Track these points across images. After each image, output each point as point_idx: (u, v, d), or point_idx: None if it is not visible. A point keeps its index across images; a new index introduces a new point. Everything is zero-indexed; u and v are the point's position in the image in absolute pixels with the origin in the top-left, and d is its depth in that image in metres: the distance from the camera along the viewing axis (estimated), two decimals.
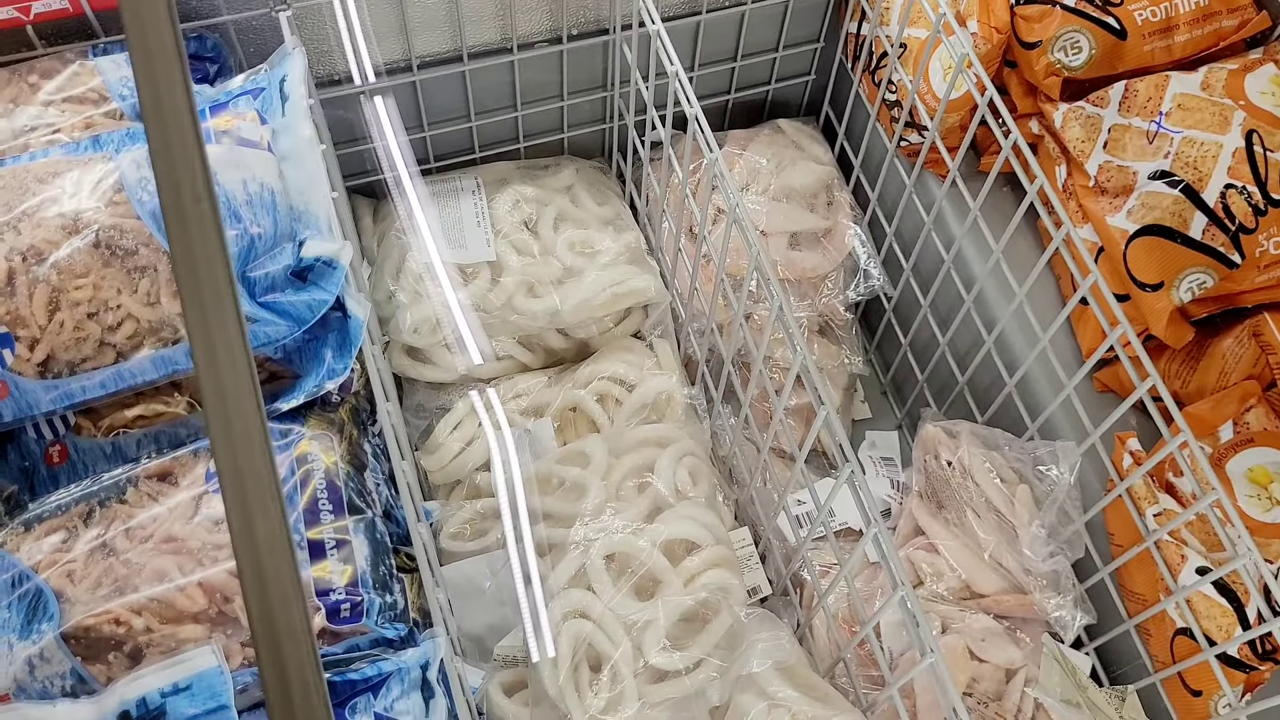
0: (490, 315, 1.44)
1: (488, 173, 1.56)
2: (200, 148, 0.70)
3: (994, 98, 1.21)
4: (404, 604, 1.03)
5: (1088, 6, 1.32)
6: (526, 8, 1.42)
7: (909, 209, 1.49)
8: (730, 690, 1.10)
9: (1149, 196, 1.24)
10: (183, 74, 0.72)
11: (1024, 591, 1.22)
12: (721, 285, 1.31)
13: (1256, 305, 1.24)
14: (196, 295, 0.67)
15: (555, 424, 1.42)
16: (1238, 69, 1.30)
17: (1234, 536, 0.97)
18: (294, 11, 1.26)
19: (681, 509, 1.25)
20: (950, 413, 1.48)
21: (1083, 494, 1.24)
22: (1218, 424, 1.17)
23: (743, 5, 1.53)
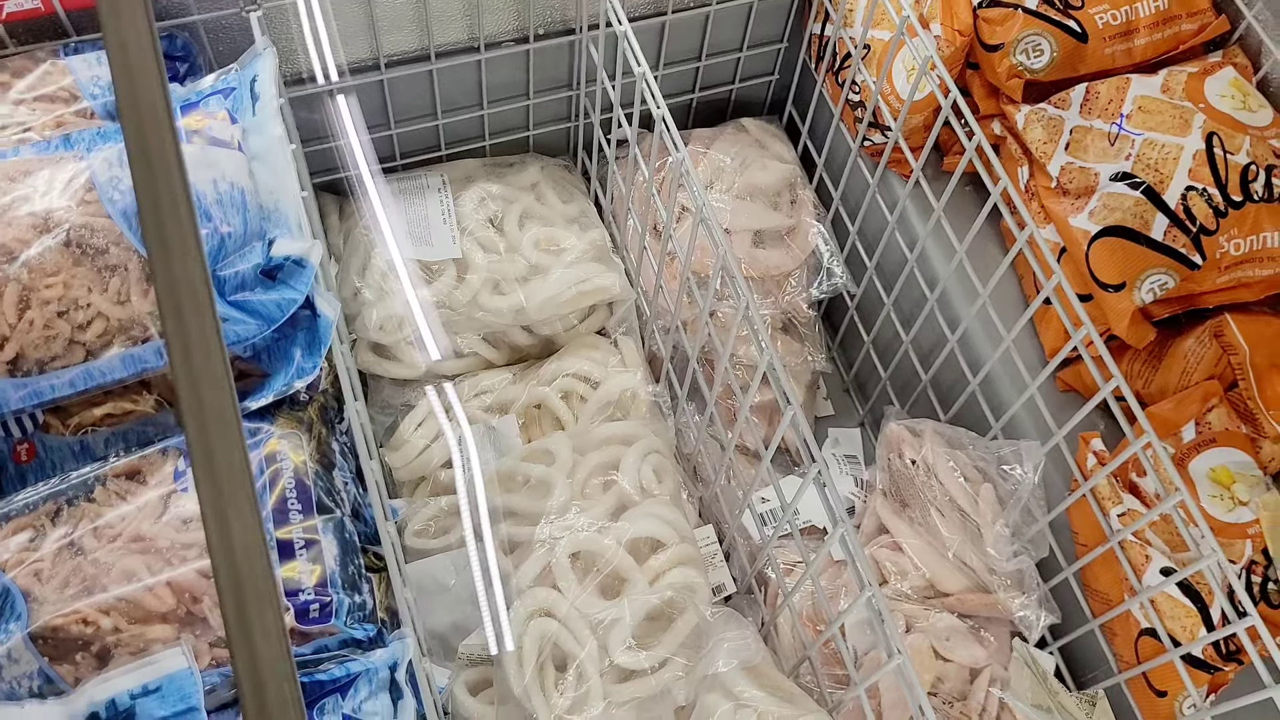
0: (456, 312, 1.44)
1: (454, 170, 1.56)
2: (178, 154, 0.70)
3: (957, 100, 1.22)
4: (372, 604, 1.02)
5: (1049, 10, 1.33)
6: (493, 8, 1.42)
7: (872, 208, 1.50)
8: (696, 690, 1.10)
9: (1110, 198, 1.25)
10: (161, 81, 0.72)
11: (988, 590, 1.22)
12: (686, 283, 1.31)
13: (1218, 306, 1.25)
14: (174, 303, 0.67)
15: (520, 421, 1.42)
16: (1197, 72, 1.31)
17: (1197, 537, 0.97)
18: (264, 11, 1.25)
19: (646, 507, 1.25)
20: (914, 411, 1.48)
21: (1046, 493, 1.24)
22: (1180, 424, 1.17)
23: (707, 6, 1.53)
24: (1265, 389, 1.16)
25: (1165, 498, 0.97)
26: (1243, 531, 1.10)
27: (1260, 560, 1.10)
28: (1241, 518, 1.11)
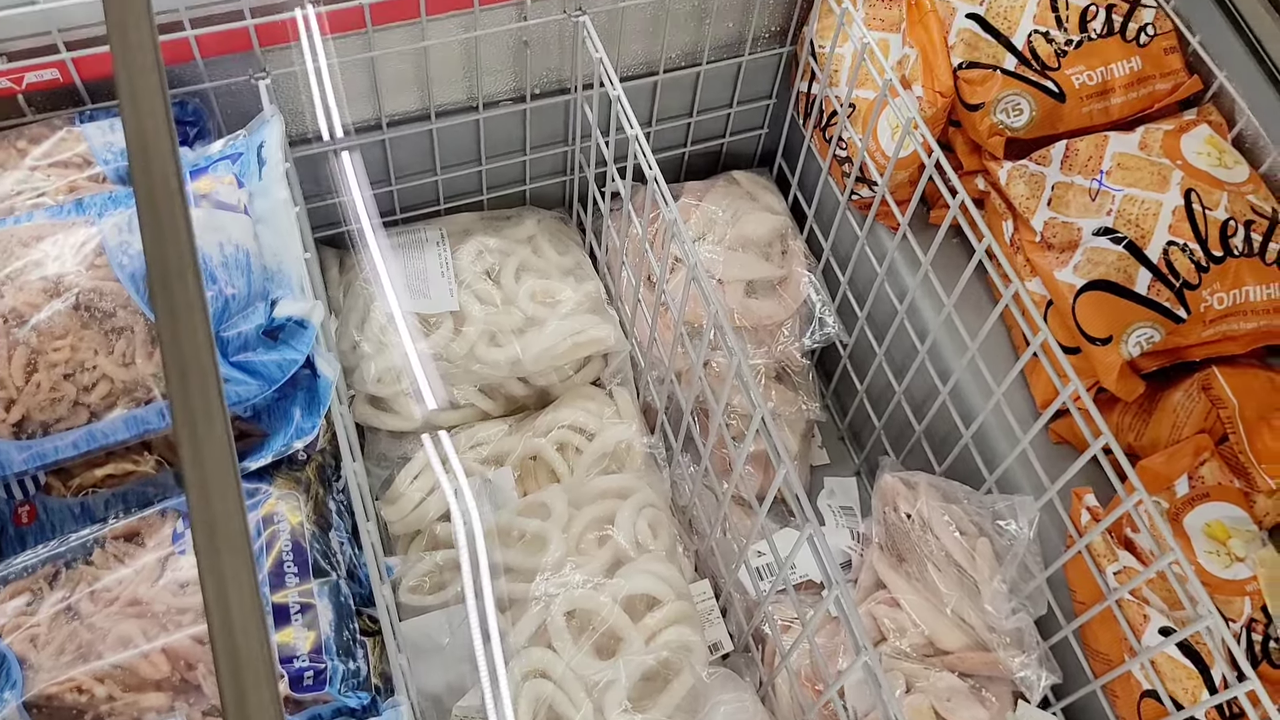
0: (453, 364, 1.43)
1: (452, 224, 1.57)
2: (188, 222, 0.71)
3: (940, 159, 1.22)
4: (366, 670, 1.01)
5: (1027, 71, 1.34)
6: (492, 70, 1.43)
7: (862, 259, 1.49)
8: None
9: (1094, 252, 1.25)
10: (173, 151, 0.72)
11: (988, 649, 1.20)
12: (680, 334, 1.31)
13: (1205, 359, 1.25)
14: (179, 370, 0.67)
15: (516, 473, 1.41)
16: (1173, 129, 1.32)
17: (1194, 594, 0.96)
18: (272, 79, 1.27)
19: (642, 563, 1.25)
20: (908, 460, 1.48)
21: (1042, 549, 1.23)
22: (1173, 478, 1.17)
23: (697, 66, 1.55)
24: (1256, 442, 1.15)
25: (1159, 556, 0.97)
26: (1240, 588, 1.09)
27: (1260, 618, 1.09)
28: (1239, 574, 1.10)
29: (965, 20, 1.36)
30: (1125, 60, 1.35)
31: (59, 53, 1.18)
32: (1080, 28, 1.35)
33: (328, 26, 1.26)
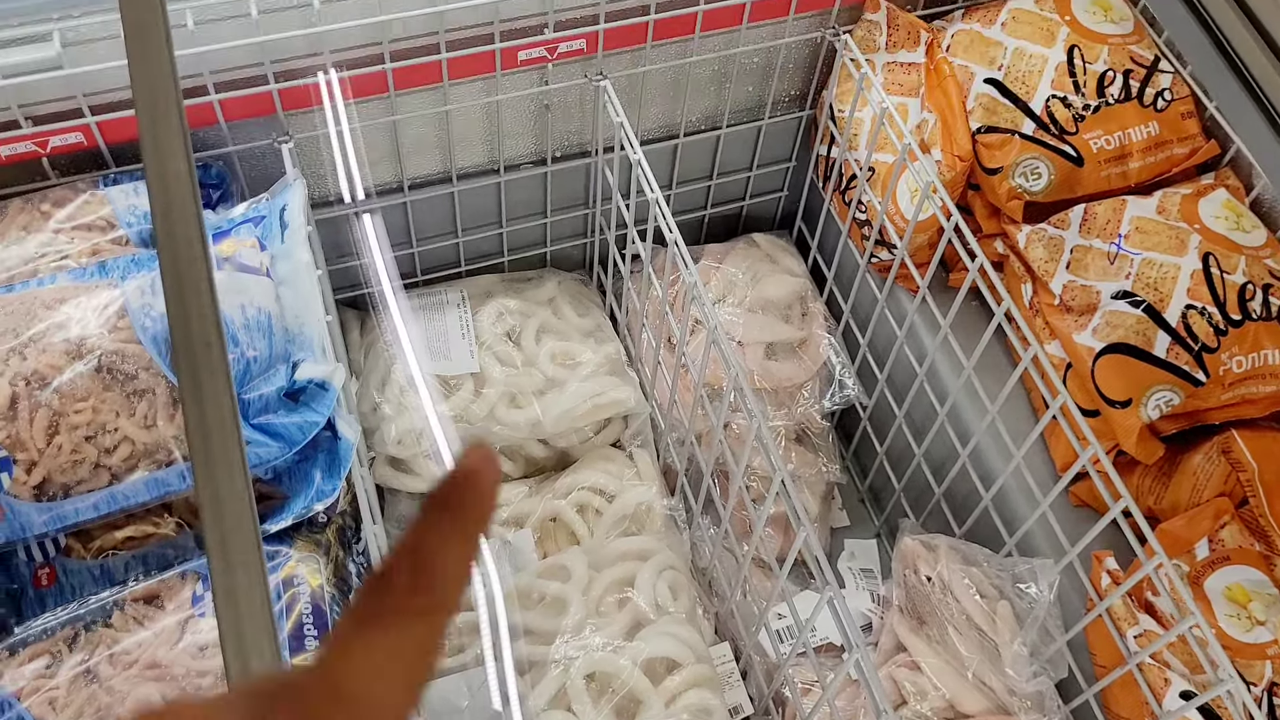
0: (473, 426, 1.43)
1: (473, 286, 1.57)
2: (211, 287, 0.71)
3: (959, 222, 1.23)
4: None
5: (1045, 135, 1.35)
6: (513, 133, 1.44)
7: (881, 321, 1.50)
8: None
9: (1112, 315, 1.25)
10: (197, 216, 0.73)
11: (1009, 712, 1.20)
12: (700, 396, 1.31)
13: (1224, 422, 1.25)
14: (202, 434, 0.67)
15: (535, 535, 1.41)
16: (1191, 194, 1.33)
17: (1215, 658, 0.95)
18: (294, 143, 1.28)
19: (662, 625, 1.24)
20: (928, 523, 1.47)
21: (1063, 612, 1.23)
22: (1193, 541, 1.17)
23: (717, 130, 1.56)
24: (1276, 506, 1.15)
25: (1180, 620, 0.96)
26: (1262, 652, 1.09)
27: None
28: (1260, 638, 1.09)
29: (983, 85, 1.37)
30: (1143, 125, 1.36)
31: (84, 116, 1.19)
32: (1098, 93, 1.36)
33: (350, 91, 1.27)
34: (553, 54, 1.32)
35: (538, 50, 1.31)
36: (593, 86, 1.35)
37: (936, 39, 1.42)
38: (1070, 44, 1.38)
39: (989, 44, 1.39)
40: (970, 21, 1.42)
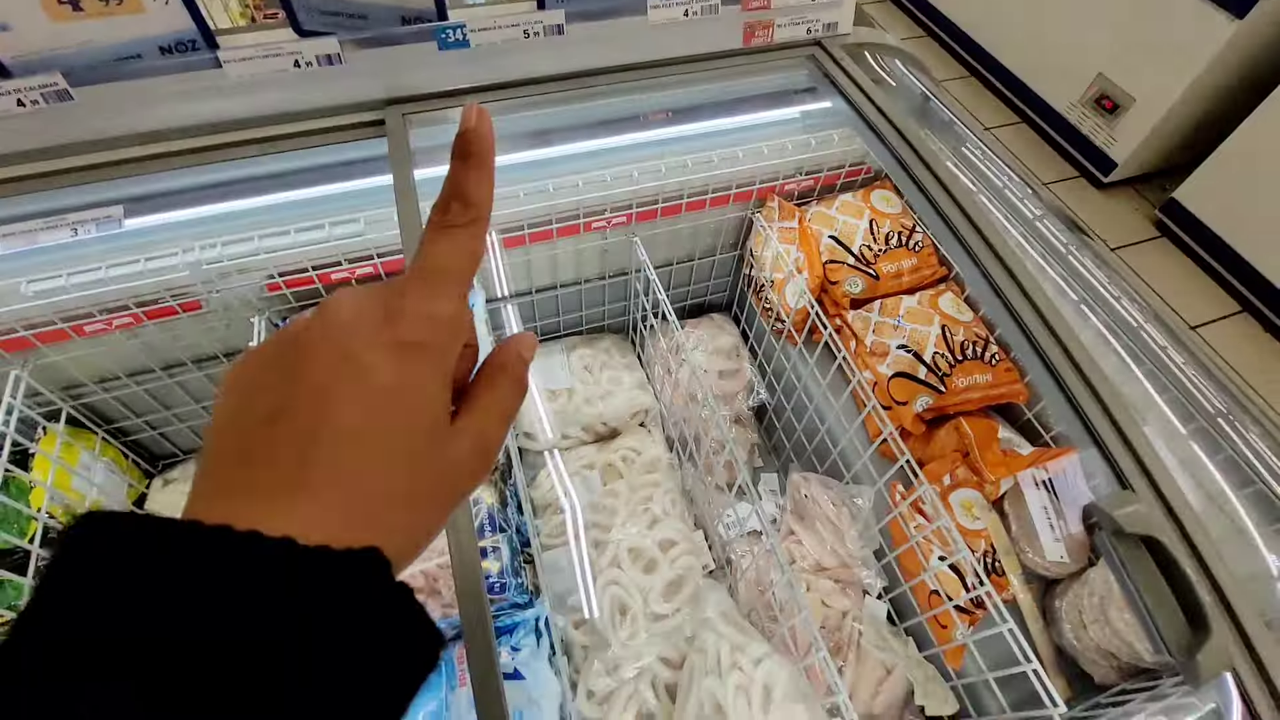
0: (567, 415, 1.44)
1: (567, 342, 1.57)
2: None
3: (817, 310, 1.23)
4: (526, 582, 1.00)
5: (860, 265, 1.34)
6: (588, 263, 1.44)
7: (779, 360, 1.50)
8: (696, 627, 1.07)
9: (897, 358, 1.24)
10: None
11: (849, 567, 1.19)
12: (685, 400, 1.32)
13: (955, 412, 1.22)
14: None
15: (600, 473, 1.41)
16: (934, 294, 1.32)
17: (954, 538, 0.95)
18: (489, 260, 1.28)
19: (667, 523, 1.23)
20: (805, 465, 1.45)
21: (876, 515, 1.22)
22: (942, 475, 1.16)
23: (693, 260, 1.56)
24: (984, 455, 1.13)
25: (937, 518, 0.95)
26: (980, 534, 1.08)
27: (990, 550, 1.07)
28: (979, 527, 1.09)
29: (827, 239, 1.37)
30: (908, 259, 1.35)
31: (373, 259, 1.18)
32: (885, 243, 1.36)
33: (502, 243, 1.28)
34: (609, 224, 1.32)
35: (601, 221, 1.31)
36: (630, 240, 1.36)
37: (803, 215, 1.42)
38: (870, 218, 1.38)
39: (829, 218, 1.39)
40: (820, 207, 1.42)
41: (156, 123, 1.00)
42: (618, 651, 1.04)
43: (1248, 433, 0.86)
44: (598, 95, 1.13)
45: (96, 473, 1.27)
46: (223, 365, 1.32)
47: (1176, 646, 0.59)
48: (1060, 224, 1.19)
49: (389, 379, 0.27)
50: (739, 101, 1.25)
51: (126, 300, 1.10)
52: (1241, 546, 0.74)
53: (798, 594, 0.88)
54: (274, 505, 0.24)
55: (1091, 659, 0.95)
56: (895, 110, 1.12)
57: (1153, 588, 0.61)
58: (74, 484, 1.22)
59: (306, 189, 1.09)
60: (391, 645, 0.24)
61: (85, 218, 1.00)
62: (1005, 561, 1.03)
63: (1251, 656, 0.59)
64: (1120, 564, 0.63)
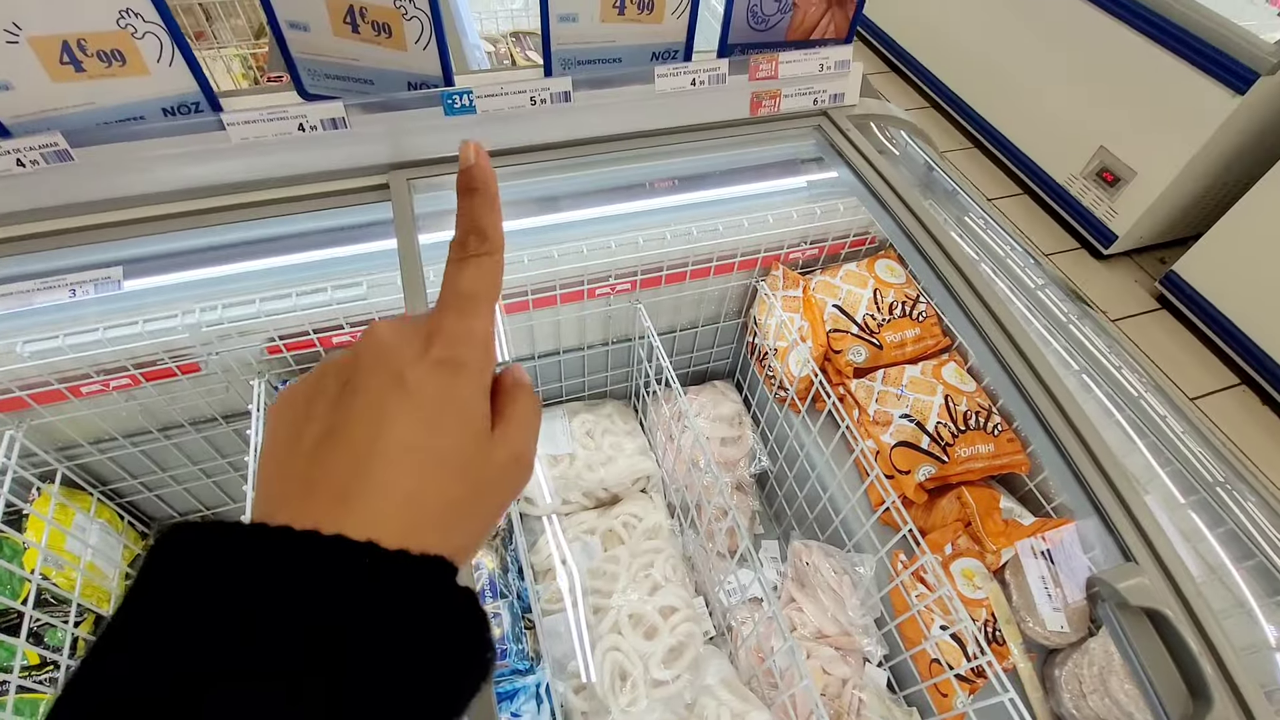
0: (568, 480, 1.44)
1: (569, 407, 1.58)
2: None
3: (820, 379, 1.25)
4: (527, 648, 1.01)
5: (863, 334, 1.36)
6: (592, 329, 1.45)
7: (781, 428, 1.50)
8: (696, 693, 1.07)
9: (900, 427, 1.25)
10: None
11: (850, 635, 1.19)
12: (688, 467, 1.34)
13: (958, 482, 1.24)
14: None
15: (600, 539, 1.40)
16: (937, 364, 1.34)
17: (956, 608, 0.96)
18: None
19: (668, 589, 1.23)
20: (806, 533, 1.46)
21: (877, 583, 1.22)
22: (944, 544, 1.16)
23: (696, 328, 1.57)
24: (986, 526, 1.14)
25: (939, 587, 0.97)
26: (981, 603, 1.08)
27: (991, 619, 1.07)
28: (980, 596, 1.09)
29: (831, 308, 1.39)
30: (911, 329, 1.37)
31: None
32: (889, 312, 1.38)
33: (504, 310, 1.28)
34: (613, 290, 1.34)
35: (605, 289, 1.32)
36: (634, 307, 1.38)
37: (807, 284, 1.44)
38: (874, 287, 1.40)
39: (834, 287, 1.42)
40: (824, 276, 1.45)
41: (157, 184, 0.96)
42: (618, 718, 1.04)
43: (1246, 502, 0.88)
44: (604, 162, 1.15)
45: (91, 534, 1.28)
46: (221, 427, 1.34)
47: (1179, 717, 0.60)
48: (1061, 294, 1.21)
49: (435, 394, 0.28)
50: (745, 170, 1.27)
51: (124, 361, 1.11)
52: (1241, 618, 0.75)
53: (799, 661, 0.88)
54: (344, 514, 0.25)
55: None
56: (900, 180, 1.12)
57: (1155, 659, 0.63)
58: (68, 545, 1.23)
59: (309, 252, 1.08)
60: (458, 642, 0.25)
61: (84, 279, 1.00)
62: (1006, 630, 1.04)
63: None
64: (1123, 635, 0.65)
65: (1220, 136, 2.70)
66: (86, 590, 1.24)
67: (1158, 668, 0.63)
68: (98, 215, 0.98)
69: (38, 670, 1.18)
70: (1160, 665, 0.63)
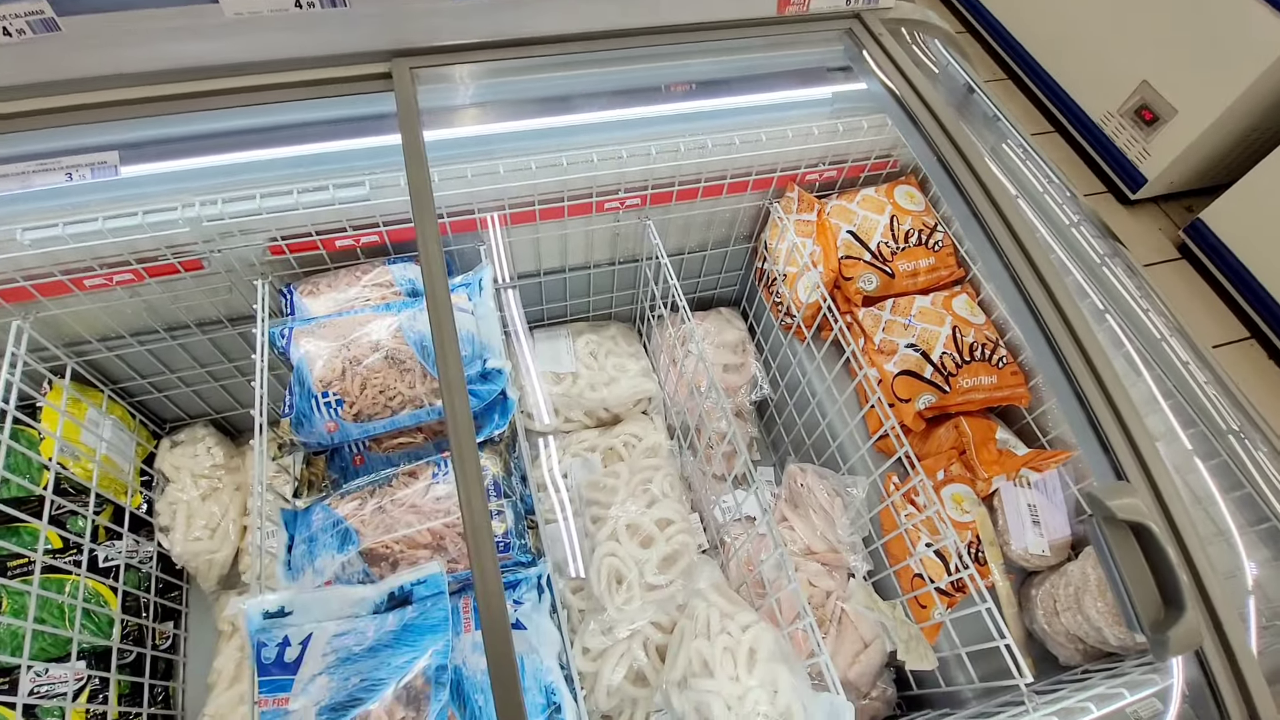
0: (570, 399, 1.47)
1: (573, 327, 1.59)
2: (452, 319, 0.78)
3: (830, 304, 1.25)
4: (530, 544, 1.04)
5: (876, 261, 1.36)
6: (599, 246, 1.44)
7: (785, 355, 1.51)
8: (688, 596, 1.10)
9: (904, 356, 1.27)
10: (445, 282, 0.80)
11: (837, 551, 1.22)
12: (690, 390, 1.35)
13: (957, 412, 1.26)
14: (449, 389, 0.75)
15: (601, 457, 1.44)
16: (948, 295, 1.34)
17: (944, 527, 0.99)
18: (486, 246, 1.29)
19: (665, 503, 1.26)
20: (801, 458, 1.48)
21: (868, 504, 1.24)
22: (937, 470, 1.19)
23: (705, 251, 1.56)
24: (980, 455, 1.17)
25: (928, 507, 1.00)
26: (968, 525, 1.11)
27: (975, 541, 1.10)
28: (967, 519, 1.12)
29: (845, 234, 1.39)
30: (926, 259, 1.37)
31: (379, 226, 1.18)
32: (904, 240, 1.37)
33: (511, 220, 1.27)
34: (623, 205, 1.31)
35: (614, 202, 1.30)
36: (643, 223, 1.36)
37: (822, 208, 1.43)
38: (892, 214, 1.39)
39: (850, 212, 1.41)
40: (840, 200, 1.44)
41: (150, 61, 0.94)
42: (613, 615, 1.08)
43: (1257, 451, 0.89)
44: (620, 59, 1.10)
45: (105, 429, 1.33)
46: (226, 329, 1.35)
47: (1150, 623, 0.64)
48: (1095, 230, 1.18)
49: None
50: (766, 77, 1.21)
51: (126, 255, 1.11)
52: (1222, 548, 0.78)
53: (787, 567, 0.92)
54: None
55: (1059, 642, 1.00)
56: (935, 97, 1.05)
57: (1134, 569, 0.66)
58: (83, 438, 1.28)
59: (309, 144, 1.05)
60: None
61: (80, 162, 0.97)
62: (989, 552, 1.07)
63: (1220, 638, 0.64)
64: (1106, 546, 0.68)
65: (1271, 73, 2.60)
66: (104, 481, 1.30)
67: (1136, 577, 0.66)
68: (91, 94, 0.95)
69: (61, 554, 1.25)
70: (1138, 575, 0.66)
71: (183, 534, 1.39)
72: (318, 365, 1.06)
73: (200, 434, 1.50)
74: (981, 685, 0.98)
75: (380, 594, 0.90)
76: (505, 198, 1.23)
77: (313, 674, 0.85)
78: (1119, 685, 0.74)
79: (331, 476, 1.13)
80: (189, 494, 1.42)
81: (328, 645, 0.87)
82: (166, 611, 1.42)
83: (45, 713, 1.17)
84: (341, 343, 1.07)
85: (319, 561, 0.99)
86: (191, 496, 1.42)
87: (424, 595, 0.90)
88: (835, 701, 0.81)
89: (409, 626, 0.87)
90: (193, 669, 1.41)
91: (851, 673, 1.08)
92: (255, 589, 0.91)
